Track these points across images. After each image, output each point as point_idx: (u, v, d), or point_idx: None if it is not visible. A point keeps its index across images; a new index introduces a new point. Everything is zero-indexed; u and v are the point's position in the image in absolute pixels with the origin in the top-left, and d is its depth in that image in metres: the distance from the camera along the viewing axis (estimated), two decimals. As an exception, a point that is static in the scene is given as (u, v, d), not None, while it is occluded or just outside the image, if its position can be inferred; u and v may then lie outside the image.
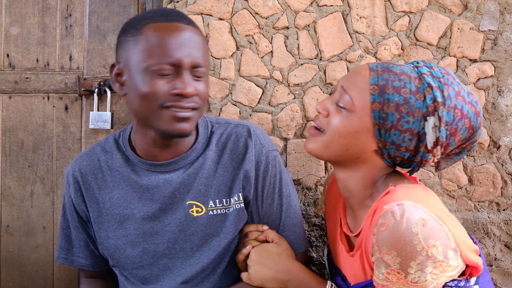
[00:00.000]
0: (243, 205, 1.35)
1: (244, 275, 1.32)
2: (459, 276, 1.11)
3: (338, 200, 1.37)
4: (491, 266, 1.93)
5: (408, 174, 1.29)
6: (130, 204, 1.33)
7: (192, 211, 1.32)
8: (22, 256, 2.07)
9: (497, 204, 1.93)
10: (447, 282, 1.08)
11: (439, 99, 1.10)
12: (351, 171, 1.20)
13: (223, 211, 1.33)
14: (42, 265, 2.07)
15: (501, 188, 1.91)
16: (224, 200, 1.34)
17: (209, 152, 1.36)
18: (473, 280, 1.14)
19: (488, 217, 1.92)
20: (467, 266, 1.12)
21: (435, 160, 1.15)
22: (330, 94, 1.24)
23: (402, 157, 1.15)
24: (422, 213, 1.05)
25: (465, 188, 1.92)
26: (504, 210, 1.92)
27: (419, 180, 1.92)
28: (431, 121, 1.10)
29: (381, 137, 1.13)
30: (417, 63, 1.19)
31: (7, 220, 2.06)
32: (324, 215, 1.45)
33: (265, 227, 1.37)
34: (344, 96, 1.16)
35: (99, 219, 1.37)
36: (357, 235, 1.22)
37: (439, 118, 1.10)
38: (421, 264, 1.03)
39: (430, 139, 1.11)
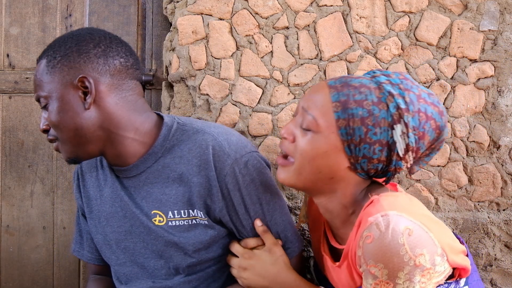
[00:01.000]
0: (208, 223, 1.28)
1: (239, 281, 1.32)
2: (448, 279, 1.10)
3: (320, 214, 1.35)
4: (491, 266, 1.94)
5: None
6: (115, 202, 1.35)
7: (155, 220, 1.30)
8: (22, 256, 2.07)
9: (497, 204, 1.93)
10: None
11: (402, 106, 1.09)
12: (329, 194, 1.18)
13: (181, 222, 1.29)
14: (42, 265, 2.07)
15: (501, 188, 1.91)
16: (182, 211, 1.28)
17: (168, 159, 1.30)
18: (462, 281, 1.13)
19: (488, 217, 1.92)
20: (455, 268, 1.12)
21: (408, 166, 1.14)
22: (293, 116, 1.22)
23: (375, 168, 1.13)
24: (408, 222, 1.04)
25: (465, 188, 1.92)
26: (504, 210, 1.92)
27: (417, 181, 1.92)
28: (398, 128, 1.09)
29: (351, 153, 1.11)
30: (374, 72, 1.18)
31: (7, 220, 2.06)
32: (308, 226, 1.42)
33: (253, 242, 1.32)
34: (307, 117, 1.13)
35: (91, 215, 1.40)
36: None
37: (406, 125, 1.09)
38: (409, 274, 1.02)
39: (400, 147, 1.09)
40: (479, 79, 1.89)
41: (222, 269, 1.36)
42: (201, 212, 1.28)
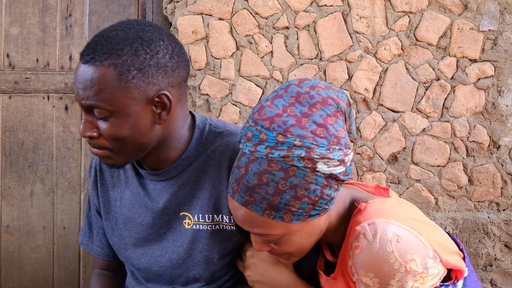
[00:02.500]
0: (234, 228, 1.25)
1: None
2: (446, 281, 1.10)
3: None
4: (491, 266, 1.94)
5: (380, 186, 1.26)
6: (134, 208, 1.32)
7: (185, 223, 1.27)
8: (22, 256, 2.07)
9: (497, 204, 1.93)
10: None
11: (302, 153, 0.99)
12: (326, 232, 1.18)
13: (205, 227, 1.25)
14: (42, 265, 2.07)
15: (501, 188, 1.91)
16: (207, 215, 1.25)
17: (199, 161, 1.26)
18: (460, 283, 1.12)
19: (488, 217, 1.92)
20: (451, 270, 1.11)
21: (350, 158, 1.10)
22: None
23: (339, 189, 1.11)
24: (396, 228, 1.02)
25: (465, 188, 1.91)
26: (504, 210, 1.92)
27: (417, 181, 1.92)
28: (321, 166, 1.00)
29: (317, 214, 1.08)
30: (247, 146, 1.05)
31: (7, 220, 2.06)
32: None
33: None
34: (263, 237, 1.09)
35: (107, 215, 1.37)
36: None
37: (321, 157, 1.00)
38: (401, 280, 1.01)
39: (338, 170, 1.02)
40: (479, 79, 1.89)
41: (238, 271, 1.35)
42: (228, 217, 1.24)
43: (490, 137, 1.90)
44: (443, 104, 1.90)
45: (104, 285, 1.43)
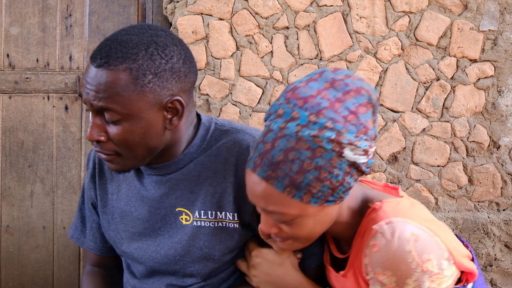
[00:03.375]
0: (237, 226, 1.24)
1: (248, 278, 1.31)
2: (456, 284, 1.10)
3: None
4: (491, 266, 1.94)
5: (389, 185, 1.26)
6: (130, 201, 1.32)
7: (182, 218, 1.25)
8: (22, 256, 2.07)
9: (497, 204, 1.93)
10: None
11: (333, 136, 0.99)
12: (334, 226, 1.18)
13: (207, 224, 1.24)
14: (42, 265, 2.07)
15: (501, 188, 1.91)
16: (209, 212, 1.24)
17: (202, 157, 1.25)
18: (469, 286, 1.13)
19: (488, 217, 1.92)
20: (462, 272, 1.11)
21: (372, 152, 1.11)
22: (257, 211, 1.17)
23: (356, 182, 1.12)
24: (413, 228, 1.02)
25: (465, 188, 1.91)
26: (504, 210, 1.92)
27: (417, 181, 1.92)
28: (348, 152, 1.01)
29: (334, 201, 1.08)
30: (276, 123, 1.05)
31: (7, 220, 2.06)
32: None
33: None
34: (275, 216, 1.07)
35: (104, 209, 1.36)
36: (347, 256, 1.20)
37: (349, 143, 1.00)
38: (417, 280, 1.01)
39: (360, 160, 1.03)
40: (479, 79, 1.89)
41: (235, 270, 1.35)
42: (231, 215, 1.24)
43: (490, 137, 1.90)
44: (443, 104, 1.90)
45: (96, 285, 1.42)
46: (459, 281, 1.11)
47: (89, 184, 1.39)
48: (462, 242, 1.19)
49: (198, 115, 1.31)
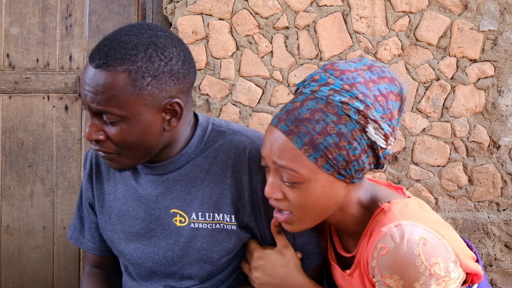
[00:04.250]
0: (235, 228, 1.24)
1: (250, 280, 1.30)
2: (462, 285, 1.10)
3: (323, 221, 1.34)
4: (491, 266, 1.93)
5: (392, 184, 1.26)
6: (127, 201, 1.32)
7: (176, 220, 1.25)
8: (22, 256, 2.07)
9: (497, 204, 1.93)
10: None
11: (361, 107, 1.02)
12: (338, 214, 1.15)
13: (204, 225, 1.23)
14: (42, 265, 2.07)
15: (501, 188, 1.91)
16: (207, 214, 1.24)
17: (200, 159, 1.25)
18: (475, 287, 1.13)
19: (488, 217, 1.92)
20: (467, 274, 1.11)
21: (391, 144, 1.12)
22: (265, 167, 1.16)
23: (369, 169, 1.12)
24: (422, 231, 1.02)
25: (465, 188, 1.92)
26: (504, 210, 1.92)
27: (417, 181, 1.92)
28: (370, 128, 1.03)
29: (344, 176, 1.08)
30: (309, 85, 1.08)
31: (7, 220, 2.06)
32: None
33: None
34: (285, 172, 1.07)
35: (101, 209, 1.36)
36: (353, 255, 1.20)
37: (374, 121, 1.03)
38: (424, 283, 1.02)
39: (381, 141, 1.05)
40: (479, 79, 1.89)
41: (233, 271, 1.34)
42: (229, 216, 1.23)
43: (490, 137, 1.90)
44: (443, 104, 1.90)
45: (96, 286, 1.42)
46: (464, 282, 1.11)
47: (86, 184, 1.38)
48: (467, 243, 1.19)
49: (196, 115, 1.31)
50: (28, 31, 2.02)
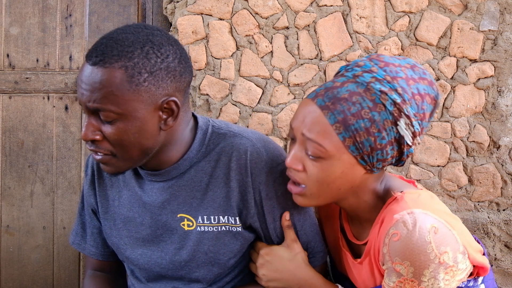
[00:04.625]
0: (240, 229, 1.25)
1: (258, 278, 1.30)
2: (468, 277, 1.11)
3: (334, 208, 1.35)
4: (491, 266, 1.94)
5: (403, 177, 1.28)
6: (133, 207, 1.31)
7: (184, 224, 1.25)
8: (22, 256, 2.07)
9: (497, 204, 1.93)
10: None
11: (398, 100, 1.06)
12: (350, 198, 1.17)
13: (210, 228, 1.24)
14: (42, 265, 2.07)
15: (501, 188, 1.92)
16: (212, 217, 1.24)
17: (203, 163, 1.25)
18: (480, 279, 1.15)
19: (488, 217, 1.92)
20: (473, 266, 1.12)
21: (417, 145, 1.15)
22: (292, 139, 1.17)
23: (390, 163, 1.14)
24: (433, 220, 1.05)
25: (465, 188, 1.92)
26: (504, 210, 1.93)
27: (417, 181, 1.92)
28: (402, 122, 1.07)
29: (366, 163, 1.10)
30: (353, 70, 1.11)
31: (7, 220, 2.06)
32: (318, 220, 1.42)
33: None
34: (312, 145, 1.09)
35: (105, 215, 1.35)
36: (364, 243, 1.20)
37: (407, 116, 1.07)
38: (434, 271, 1.03)
39: (408, 138, 1.08)
40: (479, 79, 1.89)
41: (239, 273, 1.35)
42: (234, 219, 1.24)
43: (490, 137, 1.90)
44: (443, 104, 1.90)
45: (100, 286, 1.42)
46: (470, 274, 1.13)
47: (88, 191, 1.38)
48: (474, 238, 1.21)
49: (195, 117, 1.30)
50: (28, 31, 2.02)
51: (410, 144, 1.10)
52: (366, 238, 1.18)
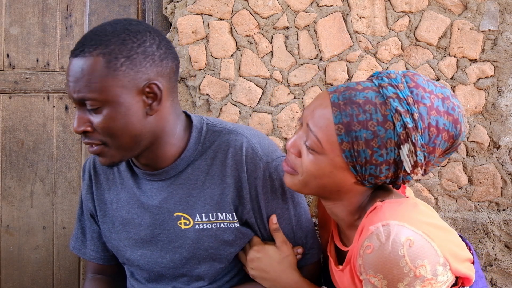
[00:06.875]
0: (238, 225, 1.26)
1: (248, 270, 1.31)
2: (452, 287, 1.10)
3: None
4: (491, 266, 1.94)
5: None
6: (132, 208, 1.32)
7: (180, 223, 1.27)
8: (22, 256, 2.07)
9: (497, 204, 1.93)
10: None
11: (410, 125, 1.03)
12: (335, 201, 1.16)
13: (209, 226, 1.25)
14: (42, 265, 2.07)
15: (501, 188, 1.91)
16: (210, 214, 1.26)
17: (199, 161, 1.27)
18: None
19: (488, 217, 1.92)
20: (458, 277, 1.11)
21: (418, 176, 1.12)
22: (300, 123, 1.18)
23: (383, 182, 1.12)
24: (409, 232, 1.02)
25: (465, 188, 1.92)
26: (504, 210, 1.93)
27: (417, 181, 1.92)
28: (405, 148, 1.04)
29: (357, 172, 1.08)
30: (381, 80, 1.09)
31: (7, 220, 2.06)
32: (317, 220, 1.42)
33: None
34: (311, 136, 1.09)
35: (104, 219, 1.36)
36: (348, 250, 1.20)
37: (413, 144, 1.03)
38: (409, 285, 1.01)
39: (408, 165, 1.05)
40: (479, 79, 1.89)
41: (240, 271, 1.35)
42: (231, 215, 1.26)
43: (490, 137, 1.90)
44: (443, 104, 1.90)
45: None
46: (455, 284, 1.11)
47: (86, 195, 1.39)
48: (466, 244, 1.19)
49: (189, 116, 1.31)
50: (28, 31, 2.02)
51: (408, 172, 1.07)
52: (350, 246, 1.17)
